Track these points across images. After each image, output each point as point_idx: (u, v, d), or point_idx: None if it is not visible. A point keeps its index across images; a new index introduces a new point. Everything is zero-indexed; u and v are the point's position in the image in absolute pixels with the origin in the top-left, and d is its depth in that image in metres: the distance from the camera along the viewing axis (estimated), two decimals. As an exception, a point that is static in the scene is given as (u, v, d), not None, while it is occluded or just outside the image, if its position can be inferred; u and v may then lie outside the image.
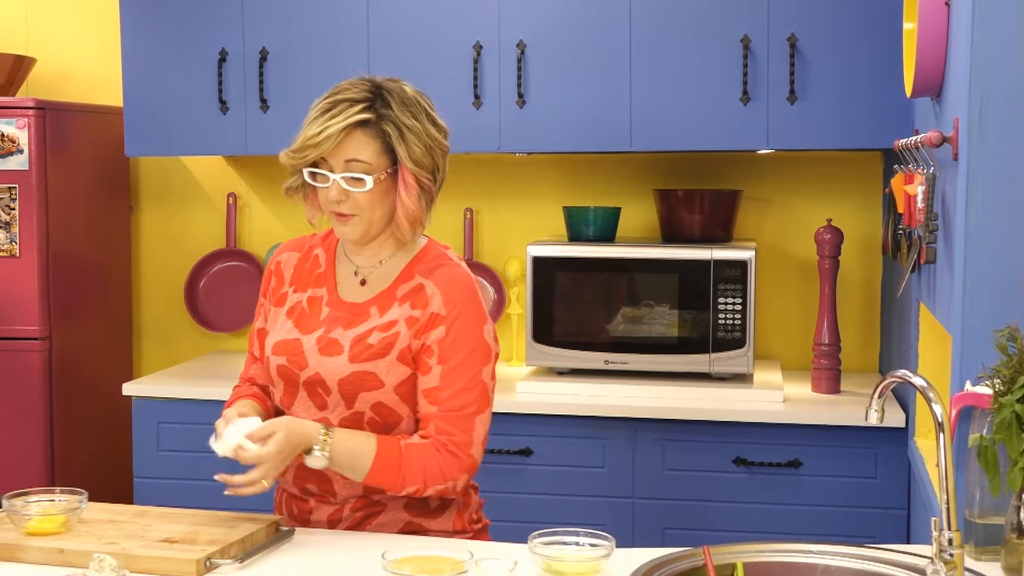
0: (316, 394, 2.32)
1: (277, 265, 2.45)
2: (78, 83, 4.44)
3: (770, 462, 3.39)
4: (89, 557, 2.02)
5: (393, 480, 2.25)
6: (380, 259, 2.37)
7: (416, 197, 2.28)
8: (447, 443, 2.27)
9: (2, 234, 3.91)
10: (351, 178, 2.24)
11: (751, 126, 3.54)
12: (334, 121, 2.21)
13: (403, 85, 2.33)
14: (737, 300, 3.54)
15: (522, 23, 3.67)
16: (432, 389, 2.28)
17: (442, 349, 2.28)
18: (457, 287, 2.33)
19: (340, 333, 2.32)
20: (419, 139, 2.26)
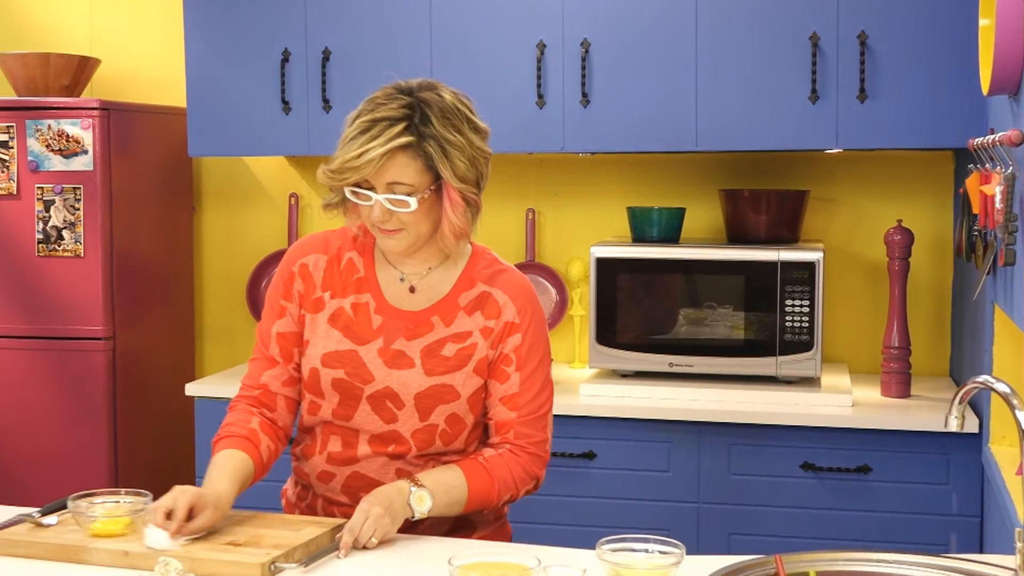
0: (384, 408, 2.28)
1: (303, 267, 2.35)
2: (142, 84, 4.46)
3: (838, 467, 3.33)
4: (153, 559, 2.01)
5: (489, 497, 2.27)
6: (428, 266, 2.33)
7: (462, 212, 2.22)
8: (527, 445, 2.30)
9: (67, 234, 3.93)
10: (395, 199, 2.18)
11: (820, 125, 3.48)
12: (374, 144, 2.14)
13: (441, 92, 2.24)
14: (805, 302, 3.48)
15: (586, 21, 3.63)
16: (512, 396, 2.29)
17: (520, 356, 2.29)
18: (524, 292, 2.32)
19: (404, 344, 2.28)
20: (462, 153, 2.20)
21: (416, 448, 2.29)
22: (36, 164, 3.94)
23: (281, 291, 2.36)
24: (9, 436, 4.03)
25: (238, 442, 2.29)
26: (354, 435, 2.31)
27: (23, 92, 4.11)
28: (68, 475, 3.95)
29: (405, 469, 2.31)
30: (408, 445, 2.29)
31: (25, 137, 3.94)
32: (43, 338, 3.99)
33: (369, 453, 2.31)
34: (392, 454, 2.30)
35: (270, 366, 2.35)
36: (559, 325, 4.11)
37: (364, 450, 2.31)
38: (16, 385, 4.01)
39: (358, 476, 2.31)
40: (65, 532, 2.17)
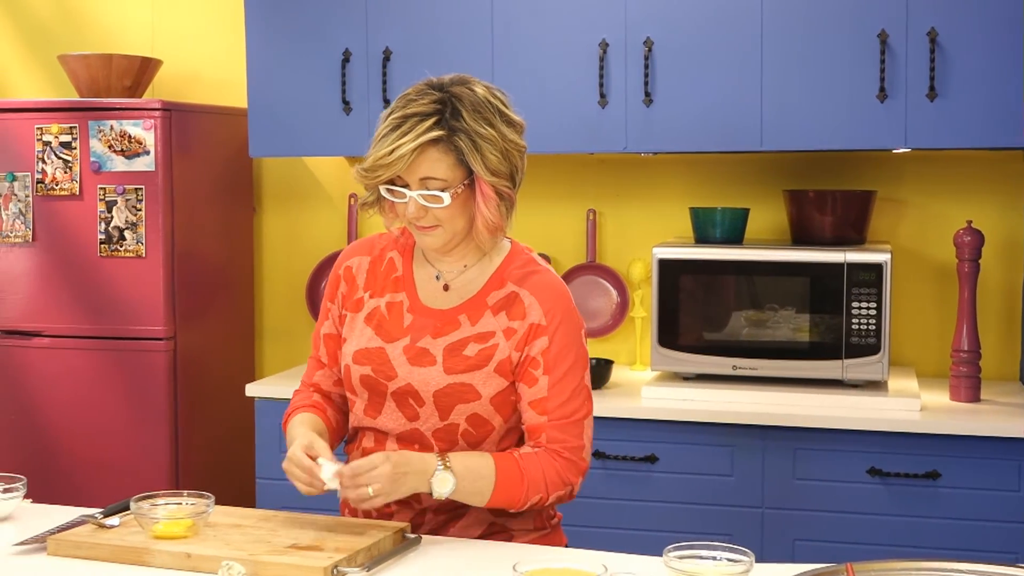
0: (407, 405, 2.28)
1: (347, 270, 2.38)
2: (203, 84, 4.47)
3: (906, 473, 3.26)
4: (215, 562, 2.00)
5: (517, 493, 2.22)
6: (464, 264, 2.32)
7: (495, 206, 2.21)
8: (561, 450, 2.25)
9: (129, 235, 3.94)
10: (429, 195, 2.18)
11: (888, 124, 3.42)
12: (405, 140, 2.14)
13: (473, 86, 2.24)
14: (872, 304, 3.41)
15: (649, 20, 3.59)
16: (541, 400, 2.25)
17: (547, 360, 2.25)
18: (554, 295, 2.28)
19: (429, 342, 2.28)
20: (494, 146, 2.18)
21: (439, 449, 2.27)
22: (98, 165, 3.95)
23: (329, 294, 2.42)
24: (71, 436, 4.05)
25: (306, 409, 2.39)
26: (383, 436, 2.33)
27: (86, 93, 4.13)
28: (129, 475, 3.97)
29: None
30: (431, 445, 2.28)
31: (88, 138, 3.96)
32: (105, 338, 4.00)
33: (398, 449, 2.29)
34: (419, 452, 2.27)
35: (319, 367, 2.44)
36: (620, 327, 4.08)
37: (392, 446, 2.30)
38: (78, 385, 4.03)
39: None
40: (127, 534, 2.17)
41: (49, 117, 4.01)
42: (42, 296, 4.05)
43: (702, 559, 1.98)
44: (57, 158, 3.99)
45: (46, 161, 4.00)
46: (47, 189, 4.01)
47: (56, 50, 4.47)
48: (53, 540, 2.15)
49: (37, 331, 4.07)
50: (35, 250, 4.05)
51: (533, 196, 4.15)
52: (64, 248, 4.02)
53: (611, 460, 3.45)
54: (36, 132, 4.01)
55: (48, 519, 2.32)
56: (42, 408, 4.08)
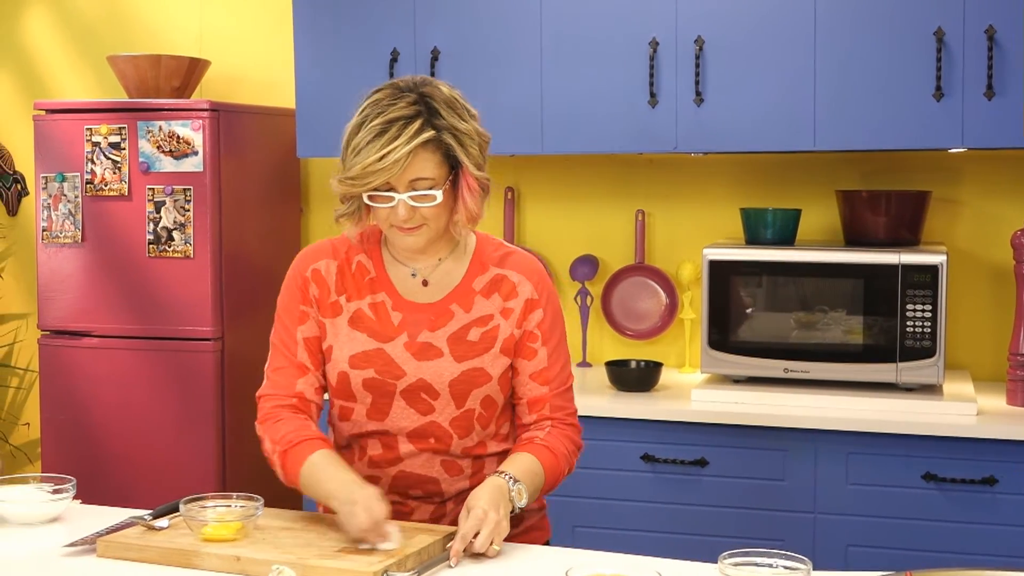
0: (419, 400, 2.28)
1: (315, 272, 2.36)
2: (251, 85, 4.47)
3: (962, 479, 3.20)
4: (265, 565, 1.99)
5: (558, 476, 2.33)
6: (439, 258, 2.35)
7: (479, 198, 2.26)
8: (564, 418, 2.35)
9: (177, 235, 3.94)
10: (420, 195, 2.19)
11: (944, 123, 3.36)
12: (397, 144, 2.14)
13: (438, 85, 2.25)
14: (927, 307, 3.36)
15: (701, 18, 3.55)
16: (542, 371, 2.33)
17: (544, 331, 2.33)
18: (536, 269, 2.37)
19: (429, 335, 2.29)
20: (473, 140, 2.23)
21: (457, 436, 2.29)
22: (147, 165, 3.96)
23: (299, 297, 2.36)
24: (119, 436, 4.06)
25: (320, 444, 2.26)
26: (392, 438, 2.31)
27: (134, 94, 4.14)
28: (176, 475, 3.97)
29: (450, 460, 2.31)
30: (448, 434, 2.29)
31: (136, 138, 3.97)
32: (153, 339, 4.01)
33: (412, 450, 2.31)
34: (434, 448, 2.30)
35: (302, 373, 2.34)
36: (669, 329, 4.04)
37: (406, 448, 2.31)
38: (126, 385, 4.04)
39: (404, 474, 2.33)
40: (176, 536, 2.16)
41: (98, 118, 4.02)
42: (91, 296, 4.07)
43: (758, 566, 1.94)
44: (106, 159, 4.00)
45: (95, 162, 4.01)
46: (96, 190, 4.02)
47: (105, 51, 4.48)
48: (102, 542, 2.15)
49: (86, 331, 4.09)
50: (84, 250, 4.06)
51: (581, 197, 4.12)
52: (113, 248, 4.03)
53: (660, 463, 3.42)
54: (85, 133, 4.02)
55: (97, 520, 2.32)
56: (90, 408, 4.09)
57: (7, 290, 4.87)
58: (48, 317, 4.14)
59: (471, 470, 2.34)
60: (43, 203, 4.10)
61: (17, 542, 2.25)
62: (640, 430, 3.44)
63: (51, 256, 4.11)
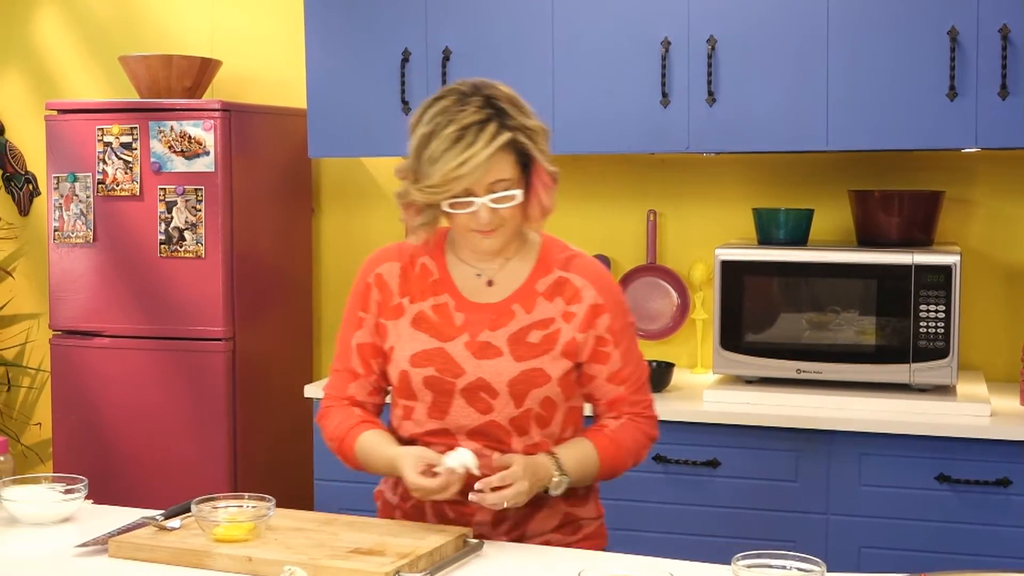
0: (478, 399, 2.29)
1: (378, 277, 2.39)
2: (262, 85, 4.47)
3: (976, 480, 3.19)
4: (277, 566, 1.99)
5: (616, 468, 2.37)
6: (506, 257, 2.37)
7: (553, 193, 2.31)
8: (641, 412, 2.39)
9: (188, 235, 3.94)
10: (500, 196, 2.22)
11: (958, 123, 3.35)
12: (476, 149, 2.17)
13: (498, 86, 2.29)
14: (940, 307, 3.34)
15: (713, 18, 3.54)
16: (616, 372, 2.35)
17: (614, 334, 2.34)
18: (600, 274, 2.37)
19: (490, 335, 2.30)
20: (541, 136, 2.28)
21: (516, 435, 2.30)
22: (159, 165, 3.96)
23: (359, 303, 2.41)
24: (130, 436, 4.06)
25: (367, 427, 2.36)
26: (452, 438, 2.32)
27: (146, 94, 4.14)
28: (188, 475, 3.97)
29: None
30: (507, 432, 2.30)
31: (148, 138, 3.97)
32: (164, 338, 4.01)
33: (475, 449, 2.28)
34: (493, 448, 2.29)
35: (353, 379, 2.41)
36: (681, 329, 4.02)
37: (470, 446, 2.28)
38: (137, 385, 4.04)
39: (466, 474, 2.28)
40: (188, 536, 2.16)
41: (110, 118, 4.02)
42: (102, 296, 4.07)
43: (772, 568, 1.93)
44: (118, 159, 4.00)
45: (107, 162, 4.02)
46: (108, 190, 4.02)
47: (117, 51, 4.49)
48: (114, 542, 2.15)
49: (97, 331, 4.09)
50: (95, 250, 4.07)
51: (592, 197, 4.11)
52: (124, 248, 4.03)
53: (672, 464, 3.41)
54: (97, 133, 4.03)
55: (109, 520, 2.32)
56: (102, 408, 4.09)
57: (19, 290, 4.88)
58: (60, 317, 4.14)
59: None
60: (55, 203, 4.10)
61: (29, 542, 2.25)
62: (652, 431, 3.42)
63: (63, 256, 4.11)
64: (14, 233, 4.87)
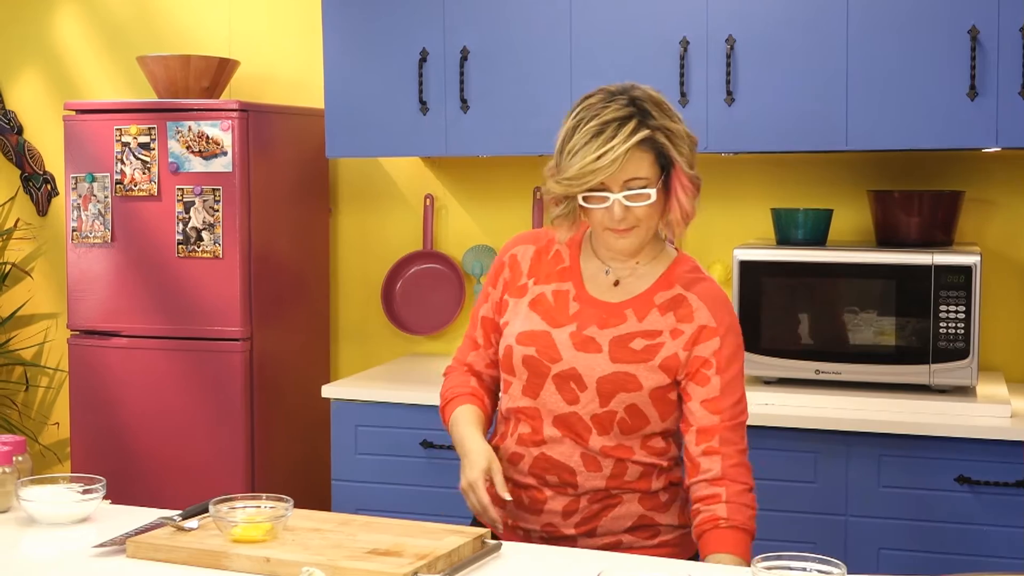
0: (567, 388, 2.33)
1: (512, 257, 2.48)
2: (280, 85, 4.47)
3: (996, 481, 3.17)
4: (294, 567, 1.98)
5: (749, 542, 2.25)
6: (637, 262, 2.40)
7: (692, 197, 2.31)
8: (734, 455, 2.30)
9: (206, 235, 3.95)
10: (636, 194, 2.25)
11: (978, 123, 3.33)
12: (615, 144, 2.21)
13: (646, 90, 2.32)
14: (960, 308, 3.32)
15: (732, 17, 3.53)
16: (714, 399, 2.30)
17: (719, 361, 2.31)
18: (720, 302, 2.37)
19: (596, 331, 2.34)
20: (683, 140, 2.29)
21: (596, 432, 2.31)
22: (176, 166, 3.97)
23: (491, 279, 2.51)
24: (148, 436, 4.06)
25: (468, 399, 2.48)
26: (539, 419, 2.36)
27: (164, 94, 4.15)
28: (205, 475, 3.97)
29: (590, 455, 2.33)
30: (588, 428, 2.32)
31: (166, 139, 3.97)
32: (182, 339, 4.02)
33: (556, 435, 2.34)
34: (575, 436, 2.33)
35: (474, 348, 2.52)
36: (699, 330, 4.01)
37: (550, 432, 2.35)
38: (155, 385, 4.05)
39: (544, 457, 2.36)
40: (206, 537, 2.15)
41: (128, 118, 4.03)
42: (120, 296, 4.08)
43: (792, 570, 1.92)
44: (136, 159, 4.01)
45: (125, 162, 4.02)
46: (126, 190, 4.03)
47: (134, 52, 4.50)
48: (132, 543, 2.14)
49: (115, 331, 4.10)
50: (113, 250, 4.07)
51: (611, 197, 4.10)
52: (142, 249, 4.04)
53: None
54: (115, 133, 4.03)
55: (127, 520, 2.32)
56: (120, 408, 4.10)
57: (37, 290, 4.89)
58: (78, 317, 4.15)
59: (611, 471, 2.34)
60: (73, 203, 4.11)
61: (47, 542, 2.25)
62: (670, 432, 3.41)
63: (81, 256, 4.12)
64: (32, 233, 4.88)
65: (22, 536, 2.28)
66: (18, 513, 2.38)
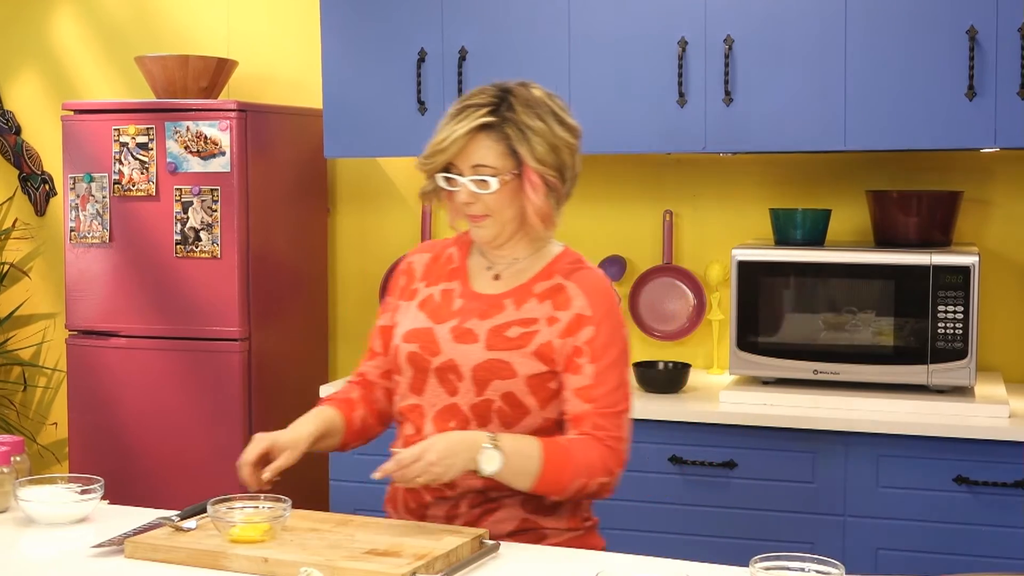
0: (447, 380, 2.35)
1: (408, 265, 2.53)
2: (278, 85, 4.47)
3: (994, 482, 3.17)
4: (293, 567, 1.99)
5: (563, 477, 2.25)
6: (515, 257, 2.43)
7: (544, 195, 2.33)
8: (605, 438, 2.30)
9: (204, 235, 3.94)
10: (478, 180, 2.31)
11: (977, 123, 3.33)
12: (460, 126, 2.30)
13: (532, 88, 2.38)
14: (959, 308, 3.32)
15: (730, 17, 3.53)
16: (586, 387, 2.31)
17: (593, 349, 2.32)
18: (599, 289, 2.38)
19: (475, 323, 2.37)
20: (543, 138, 2.31)
21: (476, 423, 2.32)
22: (174, 166, 3.96)
23: (391, 290, 2.56)
24: (146, 436, 4.06)
25: (333, 403, 2.51)
26: (421, 418, 2.37)
27: (162, 94, 4.15)
28: (203, 475, 3.97)
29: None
30: (467, 418, 2.33)
31: (164, 139, 3.97)
32: (180, 339, 4.01)
33: (435, 433, 2.32)
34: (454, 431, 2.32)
35: (371, 358, 2.55)
36: (697, 330, 4.01)
37: (430, 430, 2.35)
38: (153, 385, 4.04)
39: None
40: (204, 537, 2.16)
41: (126, 118, 4.03)
42: (118, 297, 4.07)
43: (789, 569, 1.92)
44: (134, 159, 4.01)
45: (123, 162, 4.02)
46: (124, 190, 4.03)
47: (133, 52, 4.49)
48: (130, 543, 2.15)
49: (113, 331, 4.09)
50: (112, 251, 4.07)
51: (608, 197, 4.10)
52: (140, 249, 4.04)
53: (689, 466, 3.40)
54: (113, 133, 4.03)
55: (125, 521, 2.32)
56: (118, 408, 4.10)
57: (35, 290, 4.89)
58: (76, 317, 4.15)
59: None
60: (71, 203, 4.11)
61: (45, 542, 2.25)
62: (668, 432, 3.42)
63: (79, 256, 4.11)
64: (30, 233, 4.88)
65: (20, 536, 2.28)
66: (16, 513, 2.38)
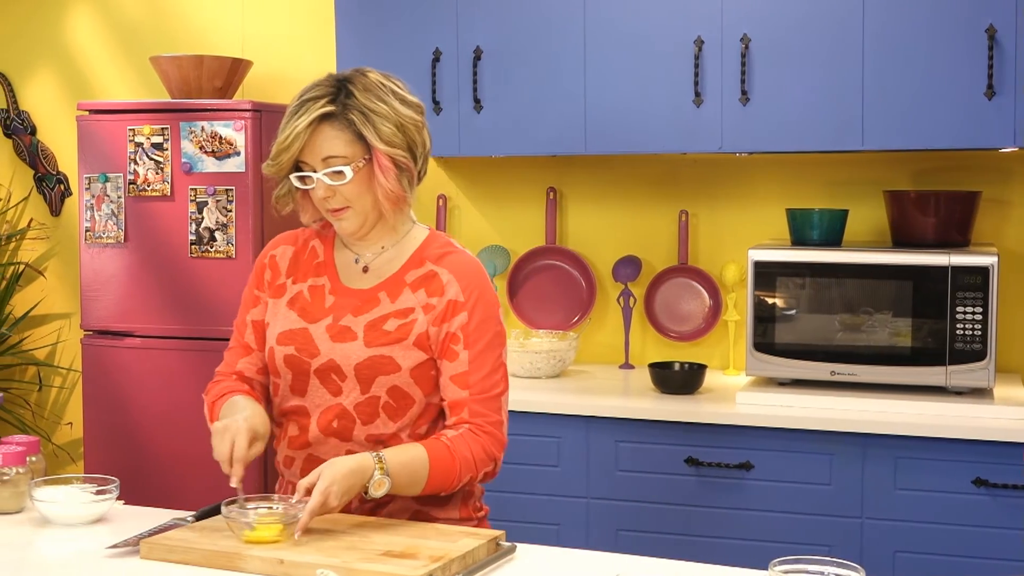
0: (330, 380, 2.33)
1: (271, 258, 2.48)
2: (293, 85, 4.42)
3: (1014, 484, 3.15)
4: (309, 568, 1.98)
5: (449, 477, 2.26)
6: (382, 246, 2.41)
7: (394, 177, 2.31)
8: (483, 424, 2.31)
9: (219, 235, 3.94)
10: (332, 172, 2.28)
11: (996, 123, 3.31)
12: (301, 120, 2.27)
13: (368, 73, 2.37)
14: (977, 309, 3.30)
15: (746, 16, 3.51)
16: (462, 374, 2.31)
17: (467, 335, 2.32)
18: (471, 273, 2.36)
19: (351, 320, 2.35)
20: (387, 119, 2.29)
21: (360, 422, 2.30)
22: (189, 166, 3.96)
23: (254, 282, 2.49)
24: (161, 436, 4.06)
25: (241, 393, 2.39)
26: (306, 418, 2.35)
27: (177, 94, 4.15)
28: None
29: (356, 449, 2.31)
30: (352, 417, 2.32)
31: (179, 139, 3.97)
32: (195, 338, 4.01)
33: (319, 435, 2.33)
34: (338, 431, 2.32)
35: (245, 353, 2.47)
36: (713, 331, 3.99)
37: (314, 431, 2.35)
38: (168, 385, 4.04)
39: (312, 459, 2.34)
40: (220, 538, 2.15)
41: (141, 118, 4.03)
42: (133, 296, 4.07)
43: (809, 573, 1.90)
44: (149, 159, 4.00)
45: (138, 162, 4.02)
46: (139, 190, 4.02)
47: (148, 52, 4.49)
48: (146, 543, 2.14)
49: (128, 331, 4.09)
50: (127, 251, 4.07)
51: (624, 197, 4.09)
52: (155, 249, 4.03)
53: (705, 467, 3.38)
54: (128, 133, 4.03)
55: (141, 521, 2.31)
56: (133, 408, 4.09)
57: (50, 290, 4.89)
58: (91, 317, 4.15)
59: None
60: (86, 203, 4.11)
61: (60, 543, 2.25)
62: (684, 433, 3.40)
63: (94, 256, 4.11)
64: (46, 233, 4.88)
65: (36, 537, 2.28)
66: (32, 513, 2.38)
